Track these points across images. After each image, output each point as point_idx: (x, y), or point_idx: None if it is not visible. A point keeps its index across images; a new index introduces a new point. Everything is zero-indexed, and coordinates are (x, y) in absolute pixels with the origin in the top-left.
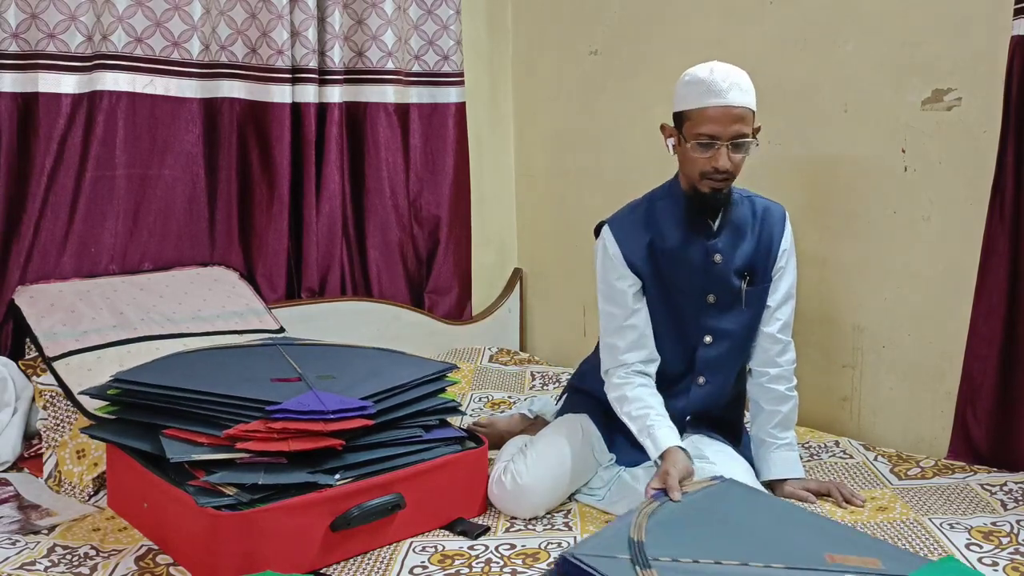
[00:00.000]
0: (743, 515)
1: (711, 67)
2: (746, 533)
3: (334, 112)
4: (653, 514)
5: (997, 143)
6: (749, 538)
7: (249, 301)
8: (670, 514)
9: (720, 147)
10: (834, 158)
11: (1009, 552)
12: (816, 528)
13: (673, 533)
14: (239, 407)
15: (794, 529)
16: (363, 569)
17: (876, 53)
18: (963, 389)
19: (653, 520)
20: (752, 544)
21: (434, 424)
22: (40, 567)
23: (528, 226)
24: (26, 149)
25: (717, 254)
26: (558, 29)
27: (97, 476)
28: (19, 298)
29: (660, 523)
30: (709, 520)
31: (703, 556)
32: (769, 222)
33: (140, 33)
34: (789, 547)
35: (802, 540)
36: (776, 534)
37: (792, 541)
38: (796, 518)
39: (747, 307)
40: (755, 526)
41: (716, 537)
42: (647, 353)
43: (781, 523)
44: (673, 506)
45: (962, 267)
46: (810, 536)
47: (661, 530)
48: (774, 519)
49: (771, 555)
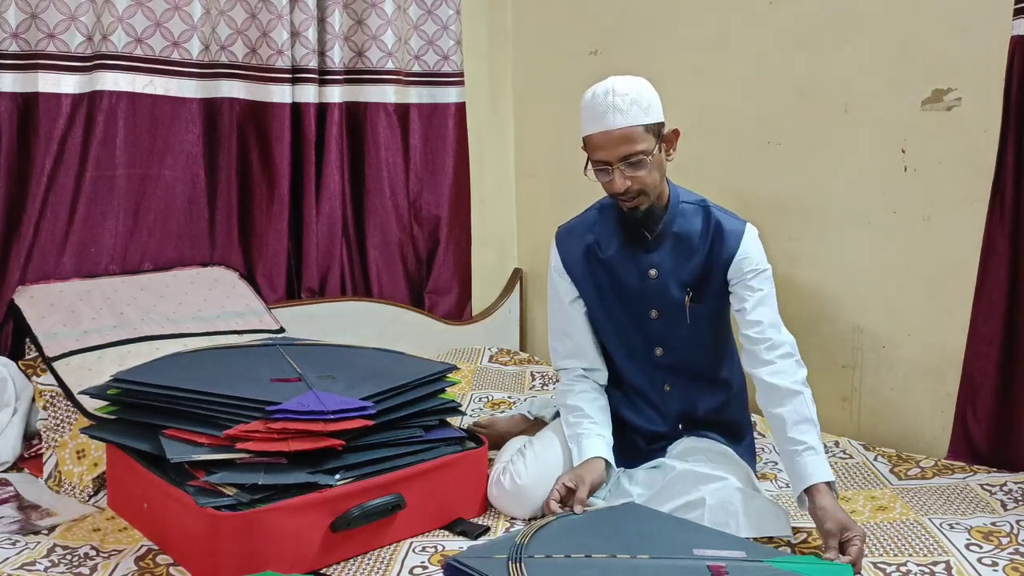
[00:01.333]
0: (629, 526)
1: (593, 91)
2: (623, 535)
3: (334, 112)
4: (544, 527)
5: (997, 143)
6: (624, 538)
7: (249, 301)
8: (560, 527)
9: (613, 170)
10: (834, 158)
11: (1009, 552)
12: (694, 532)
13: (555, 538)
14: (239, 407)
15: (672, 533)
16: (363, 569)
17: (876, 53)
18: (963, 389)
19: (542, 531)
20: (625, 542)
21: (434, 424)
22: (40, 567)
23: (528, 226)
24: (26, 149)
25: (652, 269)
26: (558, 29)
27: (97, 476)
28: (19, 298)
29: (547, 532)
30: (594, 529)
31: (575, 551)
32: (722, 237)
33: (140, 33)
34: (660, 543)
35: (675, 538)
36: (652, 535)
37: (664, 539)
38: (681, 527)
39: (692, 321)
40: (635, 531)
41: (593, 539)
42: (588, 362)
43: (662, 529)
44: (565, 520)
45: (962, 267)
46: (684, 537)
47: (545, 536)
48: (658, 527)
49: (642, 549)
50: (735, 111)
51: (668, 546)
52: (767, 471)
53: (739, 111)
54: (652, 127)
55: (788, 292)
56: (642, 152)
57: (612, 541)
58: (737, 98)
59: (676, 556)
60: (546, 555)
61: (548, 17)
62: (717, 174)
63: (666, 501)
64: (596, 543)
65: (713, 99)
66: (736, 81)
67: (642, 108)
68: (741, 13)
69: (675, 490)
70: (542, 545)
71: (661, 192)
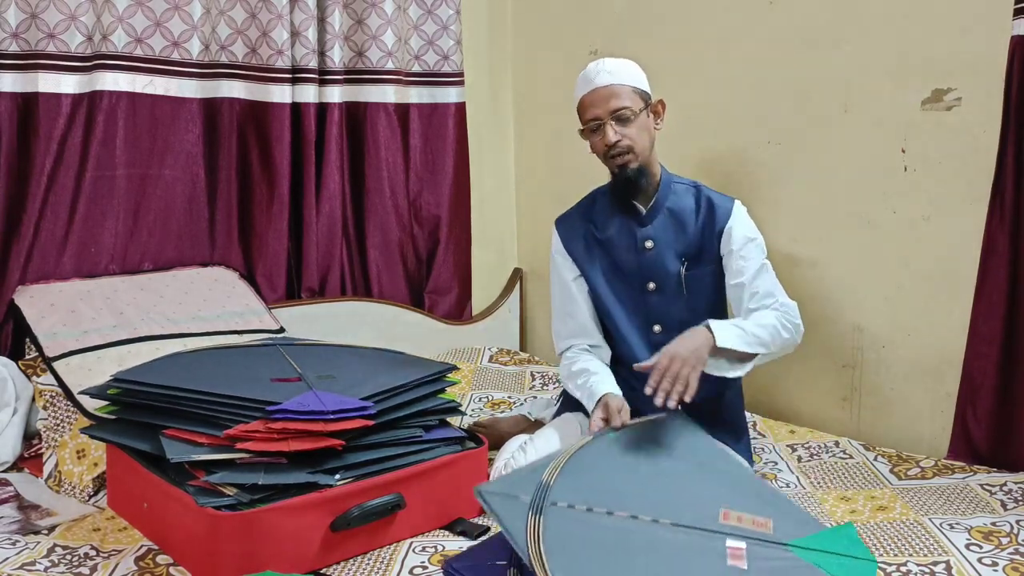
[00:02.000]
0: (663, 460)
1: (586, 67)
2: (654, 483)
3: (334, 112)
4: (578, 452)
5: (997, 143)
6: (654, 489)
7: (249, 301)
8: (592, 457)
9: (604, 124)
10: (834, 158)
11: (1009, 552)
12: (727, 479)
13: (584, 478)
14: (239, 407)
15: (704, 479)
16: (363, 569)
17: (876, 53)
18: (963, 389)
19: (574, 461)
20: (653, 496)
21: (434, 424)
22: (40, 567)
23: (528, 226)
24: (26, 149)
25: (648, 240)
26: (558, 29)
27: (97, 476)
28: (19, 298)
29: (578, 466)
30: (625, 467)
31: (598, 505)
32: (713, 211)
33: (140, 33)
34: (689, 499)
35: (706, 492)
36: (683, 484)
37: (695, 493)
38: (715, 467)
39: (689, 293)
40: (667, 475)
41: (622, 486)
42: (591, 340)
43: (695, 472)
44: (595, 449)
45: (962, 267)
46: (716, 487)
47: (575, 474)
48: (692, 467)
49: (665, 509)
50: (735, 111)
51: (697, 505)
52: (767, 471)
53: (739, 111)
54: (639, 91)
55: (788, 292)
56: (630, 108)
57: (640, 491)
58: (737, 98)
59: (699, 526)
60: (569, 504)
61: (548, 17)
62: (717, 174)
63: None
64: (623, 495)
65: (713, 99)
66: (736, 81)
67: (630, 74)
68: (741, 13)
69: None
70: (568, 487)
71: (651, 161)
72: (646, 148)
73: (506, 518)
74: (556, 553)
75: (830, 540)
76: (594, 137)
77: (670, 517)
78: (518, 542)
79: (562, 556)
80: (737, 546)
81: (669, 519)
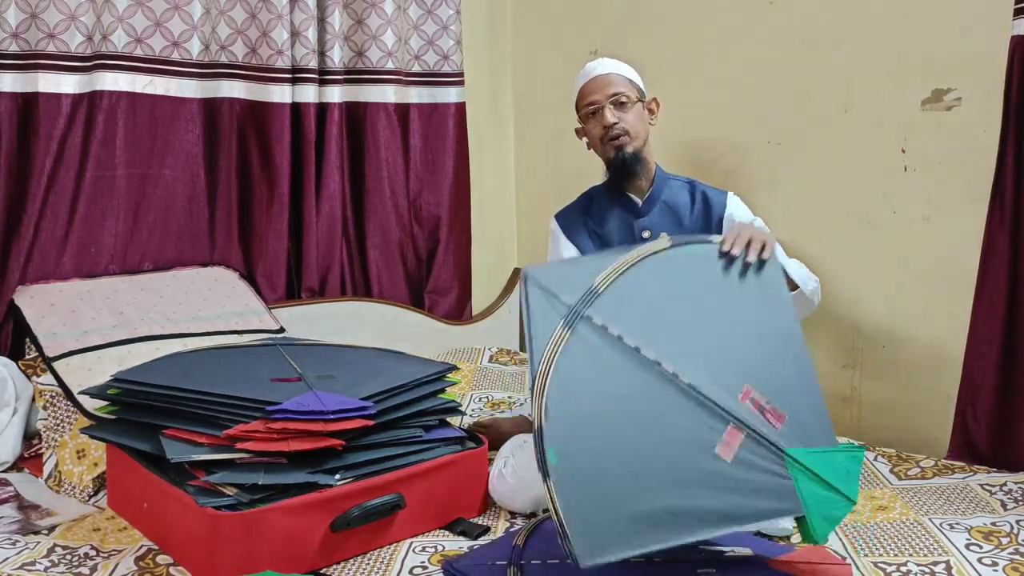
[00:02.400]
0: (724, 299)
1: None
2: (697, 324)
3: (334, 112)
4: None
5: (997, 143)
6: (693, 333)
7: (249, 301)
8: (652, 273)
9: (602, 108)
10: (834, 158)
11: (1009, 552)
12: (774, 347)
13: (632, 294)
14: (239, 407)
15: (751, 340)
16: (363, 569)
17: (876, 53)
18: (963, 389)
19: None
20: (688, 341)
21: (434, 424)
22: (40, 567)
23: (528, 226)
24: (26, 149)
25: (646, 230)
26: (558, 29)
27: (97, 476)
28: (19, 298)
29: (633, 279)
30: (679, 293)
31: (630, 335)
32: (708, 203)
33: (140, 33)
34: (722, 359)
35: (743, 355)
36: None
37: (732, 352)
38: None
39: None
40: (716, 320)
41: (664, 317)
42: None
43: (749, 327)
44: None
45: (962, 267)
46: (757, 354)
47: (625, 288)
48: (748, 319)
49: (691, 364)
50: (735, 111)
51: (724, 369)
52: None
53: (739, 111)
54: (635, 85)
55: None
56: (626, 94)
57: (679, 332)
58: (737, 98)
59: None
60: (603, 324)
61: (548, 17)
62: (717, 173)
63: None
64: (661, 328)
65: (713, 99)
66: (736, 81)
67: (626, 69)
68: (741, 13)
69: None
70: (614, 301)
71: (646, 152)
72: (641, 135)
73: (536, 319)
74: (558, 385)
75: (829, 465)
76: (591, 122)
77: (690, 376)
78: (533, 355)
79: (561, 391)
80: (734, 434)
81: (688, 378)
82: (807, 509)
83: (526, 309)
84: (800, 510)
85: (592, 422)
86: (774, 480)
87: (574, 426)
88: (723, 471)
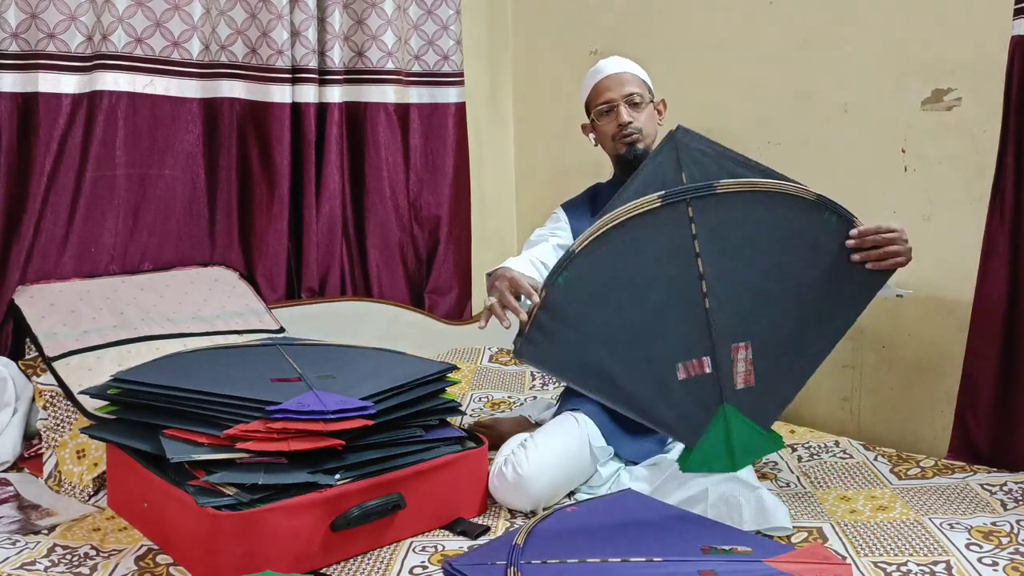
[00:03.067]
0: (630, 521)
1: (597, 63)
2: (623, 535)
3: (334, 112)
4: (542, 521)
5: (997, 143)
6: (624, 539)
7: (249, 301)
8: (557, 520)
9: (618, 106)
10: (834, 158)
11: (1009, 552)
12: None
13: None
14: (239, 407)
15: (674, 529)
16: (363, 569)
17: (876, 53)
18: (963, 389)
19: (540, 527)
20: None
21: (434, 424)
22: (40, 567)
23: (528, 226)
24: (26, 149)
25: None
26: (558, 29)
27: (97, 476)
28: (19, 298)
29: (545, 528)
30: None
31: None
32: None
33: (140, 33)
34: (662, 544)
35: (678, 537)
36: (652, 534)
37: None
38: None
39: None
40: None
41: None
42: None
43: (664, 525)
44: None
45: (962, 267)
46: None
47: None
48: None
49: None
50: (735, 111)
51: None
52: (767, 471)
53: (739, 111)
54: (646, 86)
55: None
56: (640, 94)
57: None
58: (737, 98)
59: (712, 336)
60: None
61: (548, 17)
62: None
63: (668, 495)
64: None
65: (713, 99)
66: (736, 81)
67: (639, 69)
68: (741, 13)
69: (677, 484)
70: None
71: None
72: (652, 135)
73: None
74: (617, 234)
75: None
76: (604, 120)
77: (716, 303)
78: (617, 197)
79: (611, 238)
80: (703, 365)
81: (712, 303)
82: (697, 447)
83: (651, 158)
84: (691, 444)
85: (612, 275)
86: (696, 412)
87: (595, 269)
88: (670, 380)
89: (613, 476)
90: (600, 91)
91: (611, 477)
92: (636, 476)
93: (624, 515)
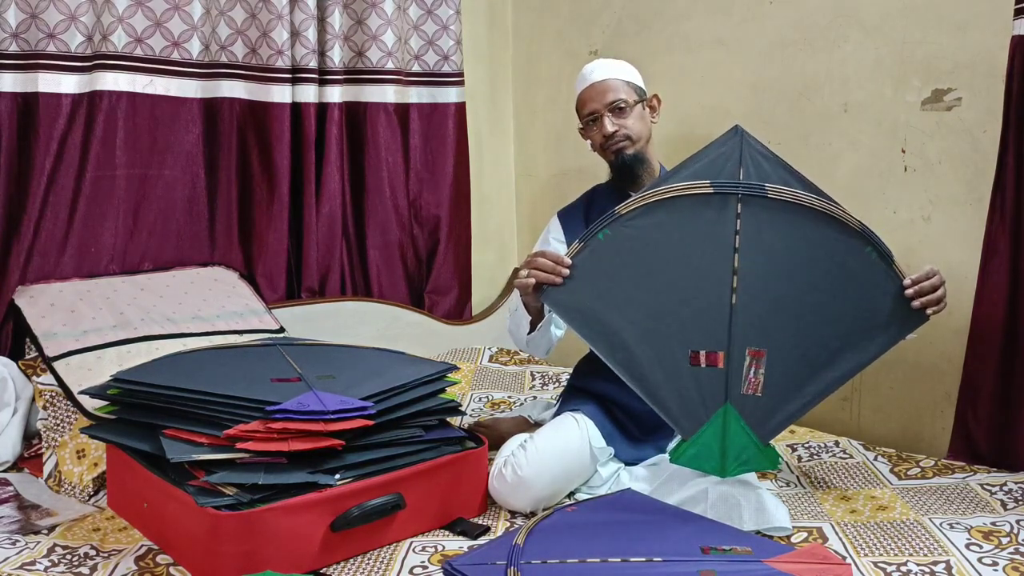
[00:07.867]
0: (630, 521)
1: (585, 65)
2: (623, 535)
3: (334, 112)
4: (542, 520)
5: (997, 143)
6: (624, 539)
7: (249, 301)
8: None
9: (602, 117)
10: (834, 158)
11: (1009, 552)
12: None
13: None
14: (239, 407)
15: (674, 529)
16: (363, 569)
17: (876, 53)
18: (963, 389)
19: (540, 526)
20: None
21: (434, 424)
22: (40, 567)
23: (528, 226)
24: (26, 149)
25: None
26: (558, 29)
27: (97, 476)
28: (19, 298)
29: (544, 527)
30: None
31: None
32: None
33: (140, 33)
34: (662, 543)
35: (678, 537)
36: (653, 534)
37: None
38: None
39: None
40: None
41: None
42: None
43: (664, 525)
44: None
45: (962, 267)
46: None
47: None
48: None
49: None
50: (735, 111)
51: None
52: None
53: (739, 111)
54: (633, 86)
55: None
56: (624, 99)
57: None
58: (737, 98)
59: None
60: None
61: (548, 17)
62: None
63: (668, 495)
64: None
65: (713, 99)
66: (736, 81)
67: (623, 70)
68: (741, 13)
69: (677, 484)
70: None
71: (648, 152)
72: (643, 136)
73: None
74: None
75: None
76: (592, 129)
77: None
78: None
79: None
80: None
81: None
82: (691, 441)
83: (716, 146)
84: (687, 435)
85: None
86: (698, 405)
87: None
88: (681, 364)
89: (613, 476)
90: (584, 102)
91: (611, 477)
92: (636, 476)
93: (624, 515)
